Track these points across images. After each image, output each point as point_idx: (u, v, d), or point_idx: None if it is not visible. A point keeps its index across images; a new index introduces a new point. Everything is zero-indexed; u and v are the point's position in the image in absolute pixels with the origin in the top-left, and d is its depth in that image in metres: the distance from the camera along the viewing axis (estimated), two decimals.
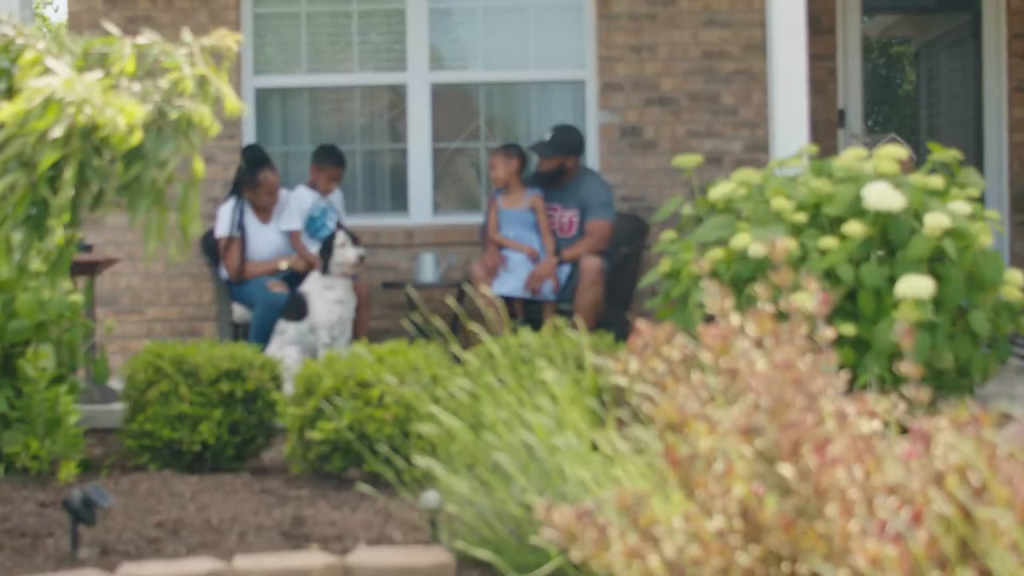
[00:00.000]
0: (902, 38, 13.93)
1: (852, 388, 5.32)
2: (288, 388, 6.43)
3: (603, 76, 8.42)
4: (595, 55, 8.44)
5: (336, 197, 8.14)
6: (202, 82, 4.40)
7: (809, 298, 5.94)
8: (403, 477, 5.35)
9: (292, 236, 7.96)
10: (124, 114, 4.16)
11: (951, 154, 6.52)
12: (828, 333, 3.33)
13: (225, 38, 4.39)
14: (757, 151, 8.35)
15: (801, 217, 5.94)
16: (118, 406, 6.55)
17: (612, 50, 8.41)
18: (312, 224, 8.01)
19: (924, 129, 13.05)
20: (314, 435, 5.70)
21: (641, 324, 3.54)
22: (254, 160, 7.95)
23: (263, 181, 7.87)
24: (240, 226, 7.82)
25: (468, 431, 4.92)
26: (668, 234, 6.38)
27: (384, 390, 5.72)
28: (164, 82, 4.37)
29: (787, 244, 5.85)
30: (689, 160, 6.52)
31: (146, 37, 4.43)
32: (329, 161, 7.99)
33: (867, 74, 10.69)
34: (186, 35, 4.38)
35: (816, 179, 6.02)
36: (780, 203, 6.00)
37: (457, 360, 7.62)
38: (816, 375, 3.13)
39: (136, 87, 4.37)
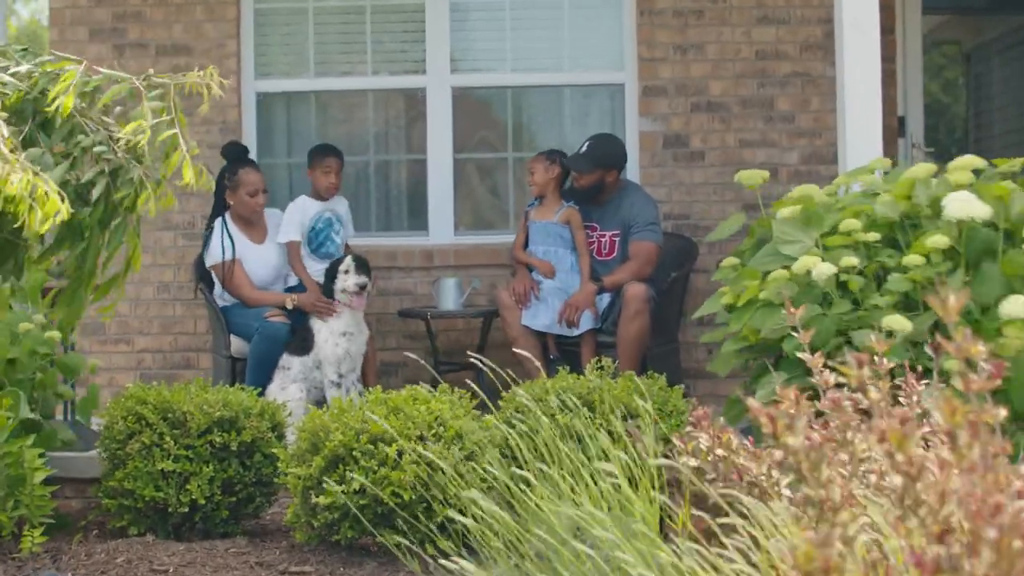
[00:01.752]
0: (949, 40, 13.10)
1: None
2: (291, 436, 5.62)
3: (644, 79, 7.69)
4: (635, 55, 7.71)
5: (342, 207, 7.28)
6: (168, 143, 3.55)
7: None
8: (426, 552, 4.51)
9: (289, 249, 7.07)
10: (41, 206, 3.31)
11: None
12: (1000, 411, 2.50)
13: (209, 78, 3.54)
14: (816, 163, 7.58)
15: (874, 236, 5.10)
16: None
17: (654, 50, 7.68)
18: (315, 238, 7.13)
19: (972, 140, 12.30)
20: (320, 500, 4.86)
21: (754, 405, 2.66)
22: (234, 157, 7.09)
23: (246, 180, 7.00)
24: (232, 249, 6.94)
25: (505, 507, 4.05)
26: (729, 260, 5.52)
27: (402, 447, 4.86)
28: (121, 135, 3.52)
29: (851, 261, 5.09)
30: (753, 176, 5.66)
31: (111, 69, 3.59)
32: (319, 152, 7.19)
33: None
34: (156, 77, 3.52)
35: (889, 194, 5.19)
36: (850, 223, 5.15)
37: (488, 406, 6.82)
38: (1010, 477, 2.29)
39: (86, 140, 3.51)
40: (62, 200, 3.34)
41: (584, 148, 7.06)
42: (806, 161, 7.59)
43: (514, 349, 5.52)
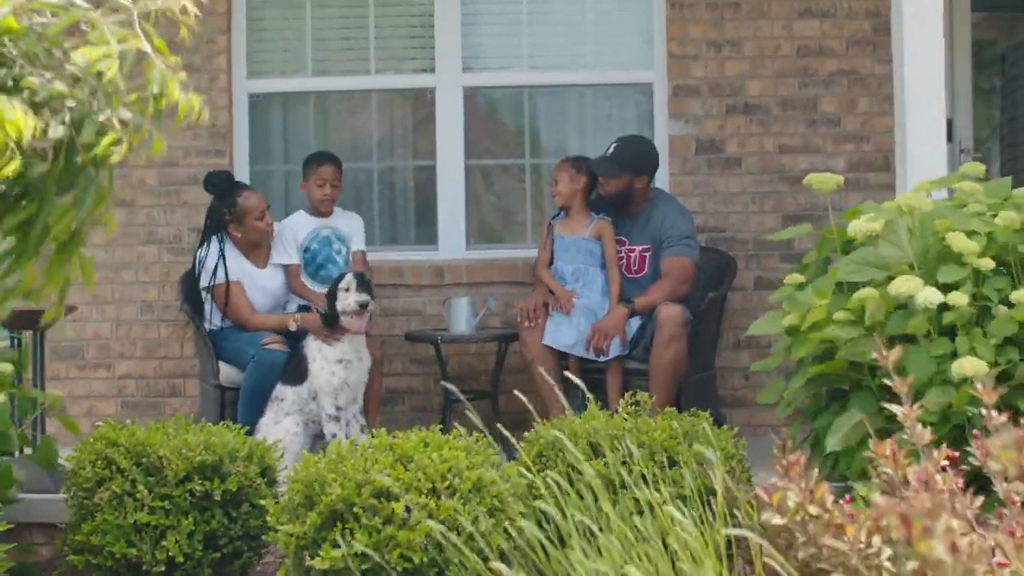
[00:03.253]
0: (984, 40, 12.49)
1: None
2: (285, 478, 4.98)
3: (675, 78, 7.07)
4: (665, 52, 7.09)
5: (345, 223, 6.62)
6: (142, 65, 2.86)
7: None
8: None
9: (289, 273, 6.40)
10: (9, 126, 2.64)
11: None
12: None
13: None
14: (865, 170, 7.00)
15: (989, 264, 4.42)
16: None
17: (686, 46, 7.06)
18: (311, 260, 6.46)
19: (1005, 145, 11.71)
20: (316, 563, 4.17)
21: (881, 502, 1.98)
22: (226, 187, 6.39)
23: (249, 207, 6.32)
24: (225, 272, 6.25)
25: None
26: (794, 277, 4.84)
27: (411, 502, 4.18)
28: (78, 63, 2.83)
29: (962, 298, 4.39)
30: (824, 180, 4.97)
31: None
32: (313, 161, 6.56)
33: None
34: None
35: (1004, 210, 4.50)
36: (961, 242, 4.46)
37: (508, 448, 6.16)
38: None
39: (36, 81, 2.82)
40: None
41: (611, 150, 6.40)
42: (853, 168, 6.96)
43: (538, 369, 4.86)
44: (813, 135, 7.01)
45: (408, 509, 4.21)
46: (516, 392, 4.53)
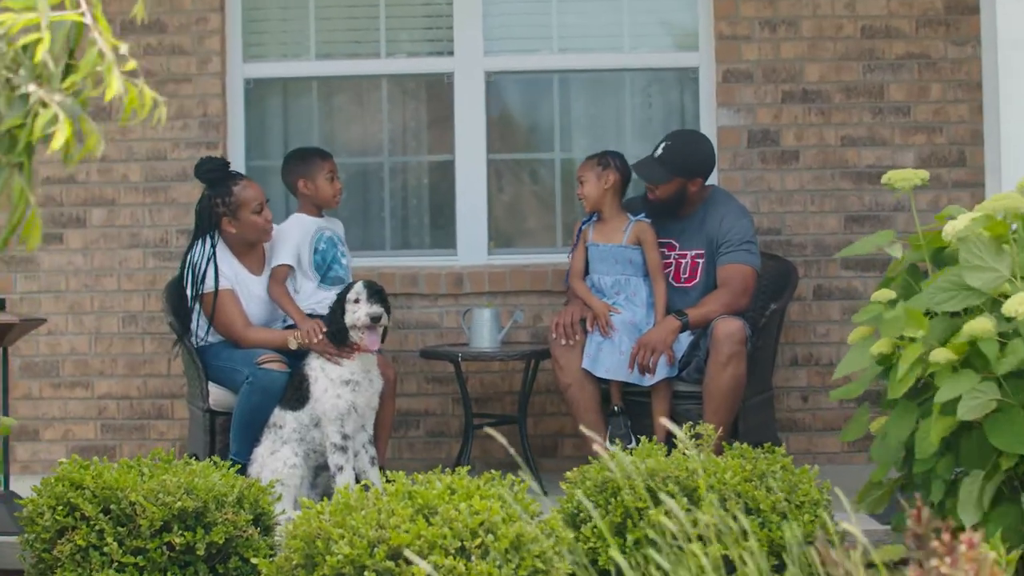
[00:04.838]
0: None
1: None
2: (286, 511, 4.41)
3: (724, 61, 6.46)
4: (712, 33, 6.48)
5: (338, 225, 6.02)
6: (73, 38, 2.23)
7: None
8: None
9: (275, 275, 5.68)
10: None
11: None
12: None
13: None
14: (937, 165, 6.41)
15: None
16: None
17: (736, 26, 6.44)
18: (322, 262, 5.77)
19: None
20: None
21: None
22: (221, 174, 5.70)
23: (246, 198, 5.61)
24: (216, 276, 5.55)
25: None
26: (883, 293, 4.11)
27: (436, 565, 3.45)
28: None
29: None
30: (907, 177, 4.27)
31: None
32: (316, 156, 5.92)
33: None
34: None
35: None
36: None
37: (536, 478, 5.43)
38: None
39: None
40: None
41: (660, 150, 5.68)
42: (924, 163, 6.31)
43: (581, 428, 4.16)
44: (879, 126, 6.38)
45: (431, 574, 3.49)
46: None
